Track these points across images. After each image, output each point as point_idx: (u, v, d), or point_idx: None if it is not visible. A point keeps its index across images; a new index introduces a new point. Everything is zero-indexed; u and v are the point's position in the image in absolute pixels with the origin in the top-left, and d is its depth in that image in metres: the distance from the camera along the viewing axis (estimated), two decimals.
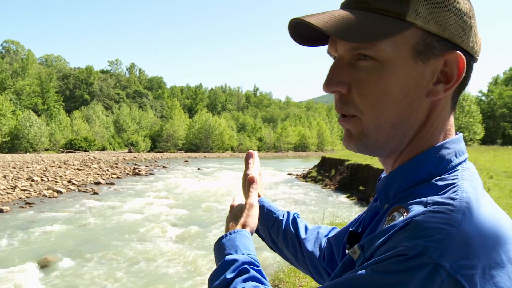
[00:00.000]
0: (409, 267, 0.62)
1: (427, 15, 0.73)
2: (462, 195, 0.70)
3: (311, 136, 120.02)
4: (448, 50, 0.76)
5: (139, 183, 26.72)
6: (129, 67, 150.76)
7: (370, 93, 0.78)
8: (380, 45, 0.75)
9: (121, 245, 10.75)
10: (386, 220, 0.76)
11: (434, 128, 0.81)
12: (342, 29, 0.74)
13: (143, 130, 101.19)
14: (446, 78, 0.77)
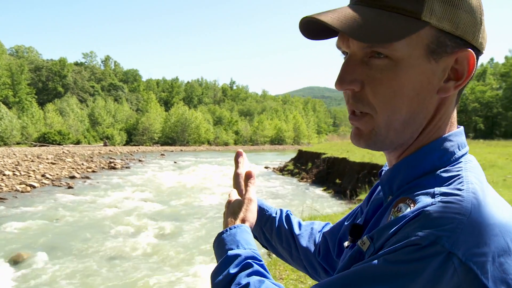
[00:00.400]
0: (422, 256, 0.63)
1: (441, 13, 0.73)
2: (468, 186, 0.71)
3: (288, 130, 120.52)
4: (459, 47, 0.76)
5: (115, 177, 26.45)
6: (104, 60, 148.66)
7: (384, 92, 0.77)
8: (396, 44, 0.74)
9: (97, 240, 10.61)
10: (392, 212, 0.77)
11: (441, 122, 0.83)
12: (359, 29, 0.73)
13: (118, 123, 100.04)
14: (456, 75, 0.78)
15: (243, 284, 0.86)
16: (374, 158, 20.90)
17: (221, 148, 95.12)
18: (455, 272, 0.63)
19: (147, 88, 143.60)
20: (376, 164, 18.63)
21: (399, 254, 0.66)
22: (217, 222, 13.16)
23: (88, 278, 8.09)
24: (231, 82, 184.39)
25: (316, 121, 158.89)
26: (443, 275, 0.63)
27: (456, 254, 0.63)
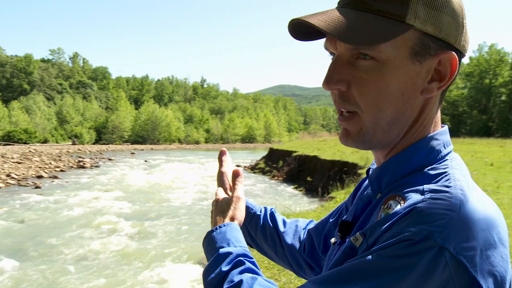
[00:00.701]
0: (415, 251, 0.66)
1: (425, 17, 0.76)
2: (455, 183, 0.74)
3: (259, 128, 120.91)
4: (442, 50, 0.79)
5: (84, 176, 26.08)
6: (72, 57, 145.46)
7: (370, 92, 0.80)
8: (381, 46, 0.77)
9: (66, 241, 10.41)
10: (381, 209, 0.79)
11: (426, 122, 0.85)
12: (346, 32, 0.76)
13: (87, 121, 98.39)
14: (439, 77, 0.81)
15: (236, 282, 0.87)
16: (344, 156, 21.09)
17: (192, 146, 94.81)
18: (446, 266, 0.66)
19: (116, 86, 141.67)
20: (346, 161, 18.81)
21: (393, 249, 0.68)
22: (188, 221, 13.09)
23: (56, 281, 7.92)
24: (202, 80, 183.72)
25: (287, 119, 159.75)
26: (435, 268, 0.66)
27: (448, 249, 0.65)
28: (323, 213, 8.97)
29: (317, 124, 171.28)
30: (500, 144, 33.52)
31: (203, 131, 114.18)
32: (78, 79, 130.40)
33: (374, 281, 0.68)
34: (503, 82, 64.68)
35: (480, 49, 71.28)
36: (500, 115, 65.35)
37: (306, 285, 0.77)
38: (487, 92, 66.83)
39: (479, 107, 68.47)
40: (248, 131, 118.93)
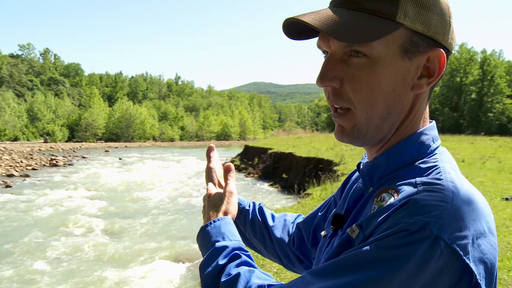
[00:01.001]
0: (412, 241, 0.69)
1: (414, 16, 0.79)
2: (446, 176, 0.77)
3: (234, 125, 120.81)
4: (431, 47, 0.82)
5: (57, 174, 25.68)
6: (43, 53, 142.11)
7: (362, 88, 0.83)
8: (373, 44, 0.80)
9: (40, 241, 10.29)
10: (374, 201, 0.82)
11: (416, 117, 0.89)
12: (339, 30, 0.78)
13: (60, 119, 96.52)
14: (428, 73, 0.84)
15: (233, 275, 0.89)
16: (320, 153, 21.30)
17: (166, 144, 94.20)
18: (441, 254, 0.69)
19: (89, 83, 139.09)
20: (322, 158, 18.99)
21: (391, 240, 0.70)
22: (164, 219, 13.05)
23: (29, 282, 7.84)
24: (176, 77, 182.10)
25: (261, 116, 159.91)
26: (431, 257, 0.68)
27: (443, 238, 0.68)
28: (300, 210, 9.07)
29: (292, 122, 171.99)
30: (471, 141, 34.28)
31: (178, 128, 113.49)
32: (49, 75, 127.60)
33: (372, 271, 0.70)
34: (473, 81, 66.07)
35: None
36: (470, 113, 66.74)
37: (304, 276, 0.79)
38: (458, 90, 68.13)
39: (450, 105, 69.75)
40: (223, 128, 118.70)
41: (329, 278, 0.74)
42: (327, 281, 0.74)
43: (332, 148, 24.17)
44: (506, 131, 58.64)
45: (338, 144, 27.51)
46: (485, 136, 47.57)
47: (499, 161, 18.12)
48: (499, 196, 9.94)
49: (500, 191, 10.65)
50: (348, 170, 14.58)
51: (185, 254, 9.34)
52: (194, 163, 35.44)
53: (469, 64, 67.44)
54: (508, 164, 17.01)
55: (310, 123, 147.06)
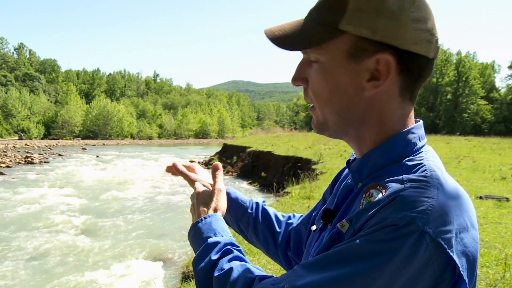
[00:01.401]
0: (399, 235, 0.72)
1: (359, 22, 0.82)
2: (431, 173, 0.81)
3: (212, 123, 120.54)
4: (380, 51, 0.83)
5: (33, 172, 25.35)
6: (17, 48, 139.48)
7: (317, 89, 0.90)
8: (320, 50, 0.86)
9: (15, 240, 10.16)
10: (363, 197, 0.86)
11: (384, 117, 0.90)
12: (283, 39, 0.87)
13: (35, 116, 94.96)
14: (379, 75, 0.85)
15: (226, 269, 0.93)
16: (298, 151, 21.42)
17: (145, 142, 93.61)
18: (427, 248, 0.72)
19: (66, 79, 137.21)
20: (300, 157, 19.10)
21: (379, 234, 0.74)
22: (142, 218, 13.01)
23: (3, 282, 7.74)
24: (155, 74, 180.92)
25: (240, 115, 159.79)
26: (417, 250, 0.72)
27: (428, 232, 0.72)
28: (279, 208, 9.13)
29: (270, 120, 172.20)
30: (447, 140, 34.86)
31: (156, 126, 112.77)
32: (24, 71, 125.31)
33: (361, 264, 0.73)
34: (449, 81, 67.19)
35: None
36: (446, 113, 67.86)
37: (296, 270, 0.82)
38: (434, 90, 69.17)
39: (427, 105, 70.76)
40: (201, 126, 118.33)
41: (320, 271, 0.77)
42: (318, 274, 0.77)
43: (311, 147, 24.33)
44: (480, 131, 59.82)
45: (316, 143, 27.72)
46: (460, 136, 48.42)
47: (474, 161, 18.48)
48: (474, 195, 10.16)
49: (474, 190, 10.88)
50: (326, 169, 14.71)
51: (163, 252, 9.33)
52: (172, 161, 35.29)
53: (445, 65, 68.56)
54: (482, 163, 17.37)
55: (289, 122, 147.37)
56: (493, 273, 5.15)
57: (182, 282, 5.81)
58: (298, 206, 9.27)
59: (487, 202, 9.40)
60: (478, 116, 65.36)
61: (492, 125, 62.69)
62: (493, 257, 5.74)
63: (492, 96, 68.07)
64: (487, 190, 11.05)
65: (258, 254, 6.03)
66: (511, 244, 6.37)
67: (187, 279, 5.67)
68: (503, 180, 12.96)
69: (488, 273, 5.16)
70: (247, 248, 6.28)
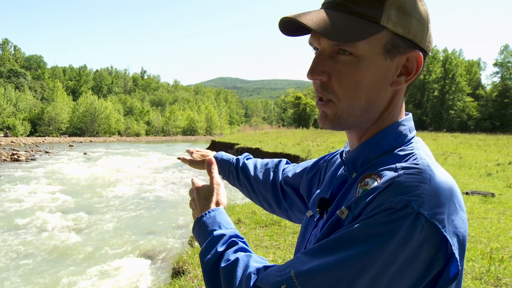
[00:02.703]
0: (397, 218, 0.77)
1: (396, 20, 0.88)
2: (422, 161, 0.87)
3: (200, 120, 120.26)
4: (410, 49, 0.91)
5: (19, 169, 25.10)
6: (1, 43, 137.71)
7: (347, 83, 0.92)
8: (358, 44, 0.89)
9: (2, 238, 10.09)
10: (359, 186, 0.92)
11: (394, 110, 0.99)
12: (331, 31, 0.88)
13: (21, 112, 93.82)
14: (407, 71, 0.93)
15: (232, 260, 0.98)
16: (286, 148, 21.50)
17: (132, 139, 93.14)
18: (422, 228, 0.77)
19: (52, 76, 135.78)
20: (288, 154, 19.20)
21: (378, 218, 0.79)
22: (130, 214, 12.98)
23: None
24: (142, 71, 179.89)
25: (228, 112, 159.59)
26: (414, 231, 0.77)
27: (423, 214, 0.77)
28: None
29: (258, 117, 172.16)
30: (434, 137, 35.16)
31: (144, 123, 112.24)
32: (9, 67, 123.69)
33: (363, 246, 0.78)
34: (436, 78, 67.66)
35: None
36: (433, 110, 68.36)
37: (299, 257, 0.87)
38: (422, 87, 69.63)
39: (414, 102, 71.22)
40: (189, 123, 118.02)
41: (324, 256, 0.82)
42: (322, 259, 0.82)
43: (299, 144, 24.44)
44: (466, 128, 60.43)
45: (304, 140, 27.81)
46: (446, 132, 48.86)
47: (460, 157, 18.71)
48: (460, 190, 10.30)
49: (461, 185, 11.02)
50: None
51: (153, 249, 9.33)
52: (160, 158, 35.25)
53: (432, 62, 68.92)
54: (468, 160, 17.59)
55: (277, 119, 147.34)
56: (479, 266, 5.25)
57: (172, 278, 5.83)
58: None
59: (473, 198, 9.53)
60: (464, 113, 65.93)
61: (478, 122, 63.31)
62: (479, 251, 5.84)
63: (478, 93, 68.71)
64: (473, 186, 11.21)
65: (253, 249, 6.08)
66: (496, 239, 6.49)
67: (177, 275, 5.69)
68: (488, 176, 13.15)
69: (474, 266, 5.26)
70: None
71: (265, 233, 6.97)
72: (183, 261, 5.89)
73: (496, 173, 13.72)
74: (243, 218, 7.82)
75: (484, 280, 4.86)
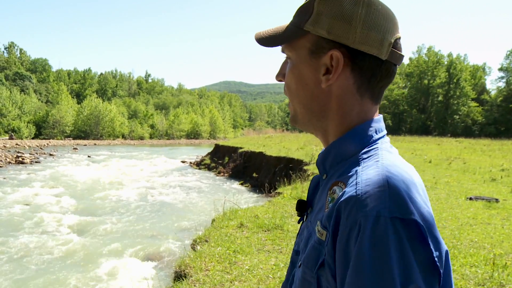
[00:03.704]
0: (378, 232, 0.76)
1: (318, 23, 0.95)
2: (382, 161, 0.88)
3: (204, 124, 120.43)
4: (333, 48, 0.95)
5: (24, 172, 25.21)
6: (7, 47, 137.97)
7: (288, 83, 1.04)
8: (290, 48, 1.01)
9: (6, 240, 10.11)
10: (328, 194, 0.95)
11: (344, 111, 1.00)
12: (263, 38, 1.03)
13: (26, 115, 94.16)
14: (331, 70, 0.97)
15: None
16: (290, 152, 21.48)
17: (136, 142, 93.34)
18: (403, 229, 0.77)
19: (57, 79, 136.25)
20: (292, 158, 19.16)
21: (364, 241, 0.77)
22: (133, 218, 13.01)
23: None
24: (147, 74, 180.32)
25: (232, 115, 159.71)
26: (400, 235, 0.76)
27: (397, 217, 0.77)
28: (271, 208, 9.18)
29: (262, 121, 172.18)
30: (438, 142, 35.12)
31: (148, 126, 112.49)
32: (15, 70, 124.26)
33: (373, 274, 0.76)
34: (440, 83, 67.58)
35: (419, 51, 74.01)
36: (437, 115, 68.24)
37: None
38: (426, 92, 69.58)
39: (418, 106, 71.15)
40: (193, 127, 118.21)
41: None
42: None
43: (302, 148, 24.41)
44: (470, 133, 60.22)
45: (308, 144, 27.80)
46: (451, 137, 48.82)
47: (464, 162, 18.64)
48: (464, 196, 10.26)
49: (464, 191, 10.99)
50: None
51: (155, 252, 9.34)
52: (164, 162, 35.30)
53: (437, 67, 68.92)
54: (472, 165, 17.51)
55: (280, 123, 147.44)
56: (482, 272, 5.22)
57: (174, 281, 5.83)
58: (289, 207, 9.32)
59: (477, 203, 9.50)
60: (469, 118, 65.75)
61: (483, 127, 63.09)
62: (482, 257, 5.81)
63: (483, 98, 68.49)
64: (477, 191, 11.16)
65: (250, 254, 6.07)
66: (499, 245, 6.45)
67: (179, 278, 5.68)
68: (493, 182, 13.09)
69: (477, 272, 5.23)
70: (239, 248, 6.32)
71: (268, 237, 6.95)
72: (185, 265, 5.88)
73: (501, 178, 13.65)
74: (245, 222, 7.81)
75: (487, 286, 4.83)
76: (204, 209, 14.23)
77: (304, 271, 0.94)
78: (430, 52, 71.55)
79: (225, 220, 8.21)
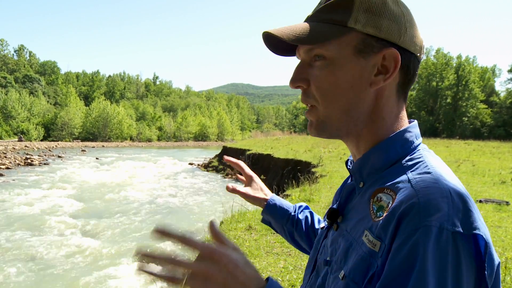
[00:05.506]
0: (441, 244, 0.73)
1: (365, 21, 0.89)
2: (434, 169, 0.84)
3: (212, 126, 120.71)
4: (385, 47, 0.91)
5: (33, 174, 25.32)
6: (17, 49, 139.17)
7: (323, 86, 0.94)
8: (328, 46, 0.91)
9: (14, 241, 10.17)
10: (371, 202, 0.88)
11: (384, 114, 0.96)
12: (294, 36, 0.91)
13: (35, 117, 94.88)
14: (386, 70, 0.92)
15: None
16: (298, 154, 21.43)
17: (144, 144, 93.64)
18: (465, 244, 0.74)
19: (66, 81, 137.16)
20: (300, 160, 19.11)
21: (422, 253, 0.73)
22: (141, 219, 13.00)
23: (3, 283, 7.73)
24: (154, 77, 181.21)
25: (239, 117, 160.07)
26: (458, 250, 0.73)
27: (458, 232, 0.73)
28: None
29: (270, 123, 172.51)
30: (446, 144, 34.85)
31: (156, 128, 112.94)
32: (24, 73, 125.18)
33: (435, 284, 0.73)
34: (449, 85, 67.15)
35: (428, 53, 73.61)
36: (445, 117, 67.83)
37: None
38: (434, 94, 69.16)
39: (426, 108, 70.77)
40: (201, 129, 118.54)
41: None
42: None
43: (310, 150, 24.36)
44: (479, 135, 59.80)
45: (316, 146, 27.73)
46: (459, 139, 48.38)
47: (473, 164, 18.50)
48: (473, 198, 10.14)
49: (474, 193, 10.89)
50: (326, 172, 14.72)
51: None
52: (171, 164, 35.36)
53: (445, 69, 68.50)
54: (481, 167, 17.38)
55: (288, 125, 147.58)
56: None
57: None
58: None
59: (487, 206, 9.41)
60: (477, 120, 65.31)
61: (492, 129, 62.62)
62: None
63: (492, 100, 68.03)
64: (486, 193, 11.06)
65: (258, 257, 6.04)
66: (511, 248, 6.38)
67: None
68: (502, 184, 12.98)
69: None
70: (248, 250, 6.30)
71: (276, 239, 6.92)
72: None
73: (511, 181, 13.53)
74: (254, 225, 7.78)
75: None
76: (212, 211, 14.22)
77: (347, 284, 0.86)
78: (439, 54, 71.17)
79: (233, 223, 8.19)
